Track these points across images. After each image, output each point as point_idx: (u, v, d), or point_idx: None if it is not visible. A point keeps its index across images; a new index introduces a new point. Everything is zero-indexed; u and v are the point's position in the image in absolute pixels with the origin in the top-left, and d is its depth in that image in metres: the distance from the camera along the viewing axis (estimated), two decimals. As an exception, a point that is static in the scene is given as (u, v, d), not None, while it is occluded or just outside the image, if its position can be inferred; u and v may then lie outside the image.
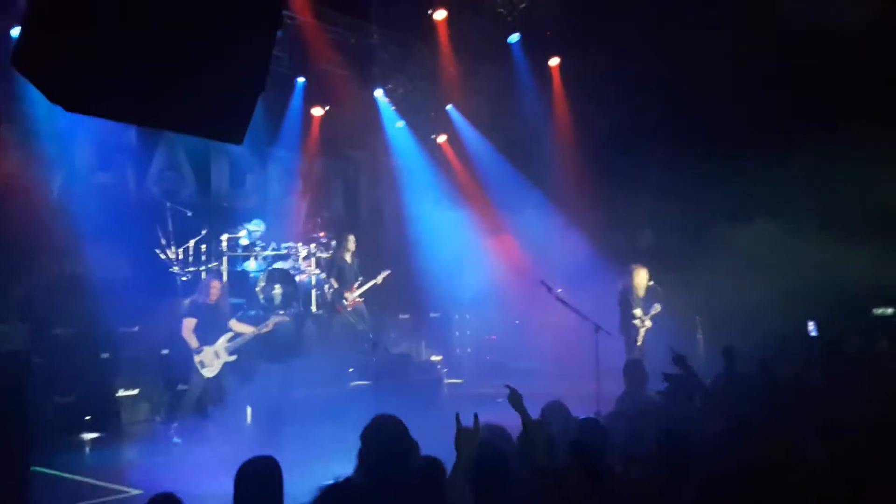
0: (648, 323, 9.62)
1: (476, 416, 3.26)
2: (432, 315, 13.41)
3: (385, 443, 3.29)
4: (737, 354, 5.56)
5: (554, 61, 12.91)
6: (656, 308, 9.64)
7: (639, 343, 9.63)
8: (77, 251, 9.24)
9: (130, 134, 10.76)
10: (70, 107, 2.31)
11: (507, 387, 3.80)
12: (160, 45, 2.18)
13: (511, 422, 3.96)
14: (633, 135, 11.47)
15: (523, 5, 11.88)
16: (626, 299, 9.72)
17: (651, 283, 9.70)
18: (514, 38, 12.35)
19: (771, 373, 5.29)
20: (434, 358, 12.39)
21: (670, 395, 4.87)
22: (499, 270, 12.75)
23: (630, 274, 9.80)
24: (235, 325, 8.56)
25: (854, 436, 3.36)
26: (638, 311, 9.67)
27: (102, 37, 2.13)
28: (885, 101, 9.42)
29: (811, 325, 9.02)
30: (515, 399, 3.74)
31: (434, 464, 3.14)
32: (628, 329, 9.65)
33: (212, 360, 8.19)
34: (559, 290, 8.18)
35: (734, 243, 9.93)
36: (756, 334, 7.90)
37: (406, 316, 12.81)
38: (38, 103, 8.89)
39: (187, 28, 2.20)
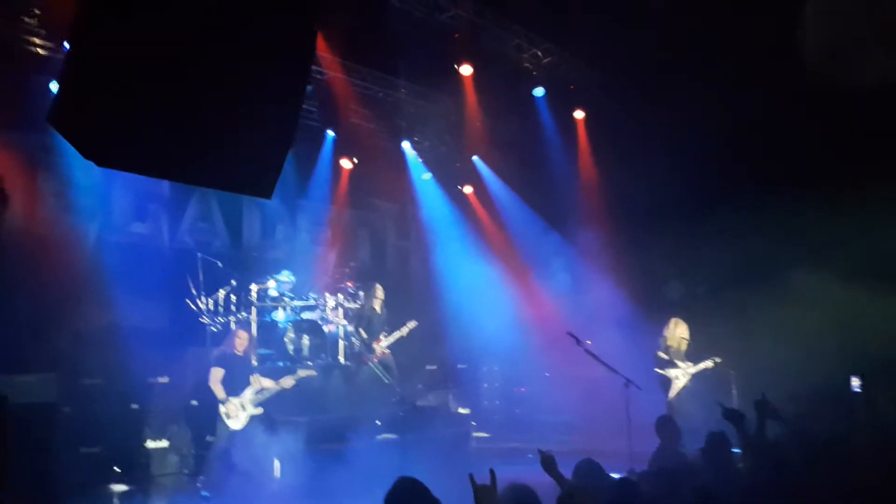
0: (683, 378, 9.44)
1: (492, 472, 3.15)
2: (460, 366, 13.27)
3: None
4: (769, 411, 5.33)
5: (579, 114, 12.99)
6: (687, 365, 9.48)
7: (671, 397, 9.43)
8: (109, 301, 9.34)
9: (164, 186, 10.98)
10: (103, 163, 2.36)
11: (540, 451, 3.68)
12: (190, 102, 2.23)
13: (537, 477, 3.85)
14: (662, 186, 11.36)
15: (548, 60, 12.04)
16: (661, 350, 9.59)
17: (686, 338, 9.56)
18: (539, 91, 12.48)
19: (809, 431, 5.10)
20: (462, 410, 12.21)
21: (707, 453, 4.69)
22: (527, 322, 12.63)
23: (670, 326, 9.68)
24: (257, 381, 8.48)
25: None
26: (674, 366, 9.52)
27: (134, 95, 2.18)
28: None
29: (855, 381, 8.65)
30: (549, 463, 3.63)
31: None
32: (664, 383, 9.51)
33: (237, 411, 8.17)
34: (588, 343, 8.04)
35: (772, 295, 9.69)
36: (794, 390, 7.62)
37: (433, 367, 12.70)
38: (74, 156, 9.07)
39: (217, 86, 2.24)
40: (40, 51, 9.11)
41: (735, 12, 9.61)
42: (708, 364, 9.45)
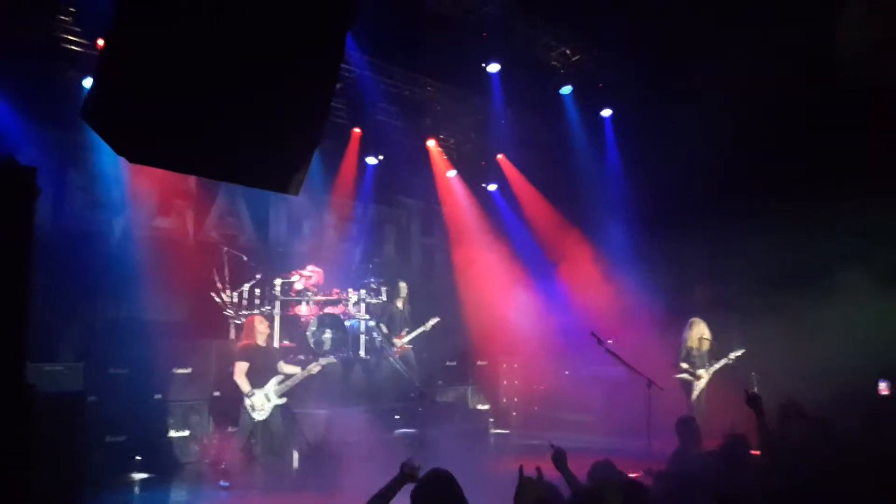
0: (702, 379, 9.38)
1: (539, 469, 3.14)
2: (479, 363, 13.30)
3: (437, 500, 3.22)
4: (794, 412, 5.25)
5: (606, 112, 12.93)
6: (710, 364, 9.42)
7: (693, 398, 9.37)
8: (134, 293, 9.50)
9: (190, 181, 11.12)
10: (134, 158, 2.41)
11: (552, 445, 3.67)
12: (220, 99, 2.27)
13: (557, 474, 3.85)
14: (692, 186, 11.23)
15: (576, 58, 11.98)
16: (681, 352, 9.54)
17: (707, 338, 9.49)
18: (567, 90, 12.43)
19: (834, 434, 5.03)
20: (480, 407, 12.24)
21: (725, 455, 4.64)
22: (548, 319, 12.60)
23: (688, 327, 9.63)
24: (284, 367, 8.65)
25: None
26: (685, 365, 9.47)
27: (166, 93, 2.23)
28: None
29: (882, 385, 8.51)
30: (559, 459, 3.61)
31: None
32: (684, 385, 9.46)
33: (262, 403, 8.26)
34: (609, 342, 8.01)
35: (803, 297, 9.54)
36: (820, 392, 7.49)
37: (453, 363, 12.74)
38: (103, 151, 9.28)
39: (247, 84, 2.28)
40: (74, 48, 9.26)
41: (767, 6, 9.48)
42: (727, 360, 9.37)
